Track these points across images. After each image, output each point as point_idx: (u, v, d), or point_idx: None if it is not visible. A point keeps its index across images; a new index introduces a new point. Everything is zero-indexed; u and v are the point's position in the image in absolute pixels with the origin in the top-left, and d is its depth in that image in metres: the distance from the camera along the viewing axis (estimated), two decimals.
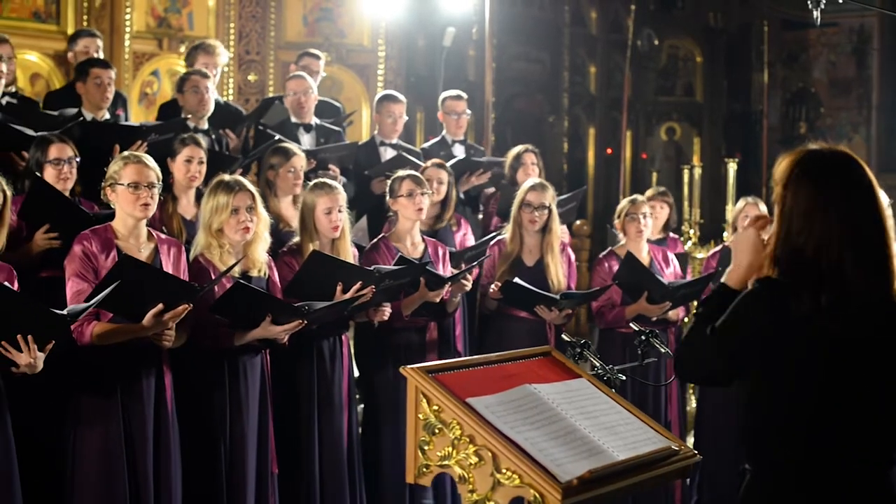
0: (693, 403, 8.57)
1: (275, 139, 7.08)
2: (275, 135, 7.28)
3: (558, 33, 16.22)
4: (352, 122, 9.88)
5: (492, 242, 6.86)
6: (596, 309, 7.04)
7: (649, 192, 8.10)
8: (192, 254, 5.39)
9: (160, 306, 4.76)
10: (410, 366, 3.66)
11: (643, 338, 4.91)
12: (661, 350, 4.95)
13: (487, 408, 3.53)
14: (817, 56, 17.67)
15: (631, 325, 5.24)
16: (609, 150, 16.84)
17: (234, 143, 7.81)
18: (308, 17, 11.95)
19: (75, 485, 4.92)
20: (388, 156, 8.01)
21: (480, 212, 8.49)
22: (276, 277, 5.66)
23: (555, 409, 3.65)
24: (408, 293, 6.17)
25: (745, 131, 17.81)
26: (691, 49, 18.01)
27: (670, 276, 7.00)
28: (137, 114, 10.36)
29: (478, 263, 6.77)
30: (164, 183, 5.39)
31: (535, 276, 6.61)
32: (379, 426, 6.31)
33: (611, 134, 16.83)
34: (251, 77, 11.71)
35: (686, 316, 7.33)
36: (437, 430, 3.56)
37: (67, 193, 5.74)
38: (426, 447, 3.58)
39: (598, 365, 4.48)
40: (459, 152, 8.40)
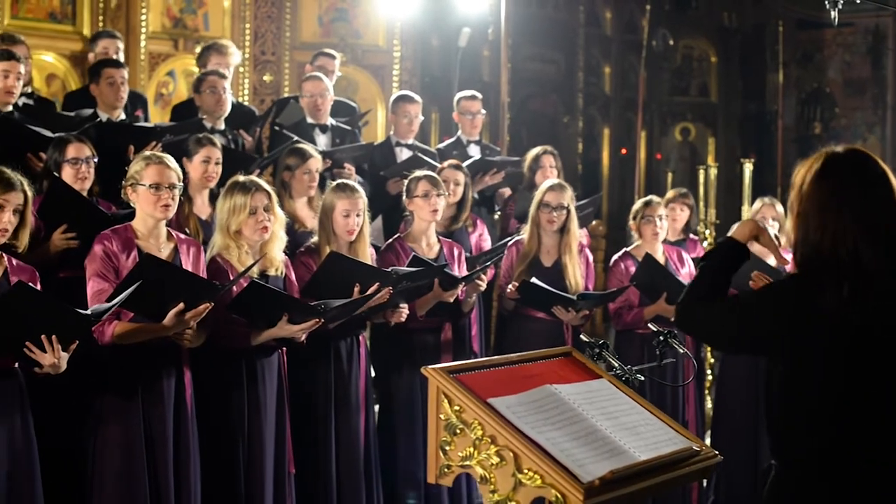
0: (709, 404, 8.56)
1: (292, 140, 7.09)
2: (292, 136, 7.29)
3: (573, 34, 16.19)
4: (367, 122, 9.87)
5: (510, 243, 6.85)
6: (613, 310, 7.03)
7: (670, 193, 8.07)
8: (209, 254, 5.39)
9: (181, 305, 4.76)
10: (432, 366, 3.66)
11: (662, 338, 4.90)
12: (680, 350, 4.94)
13: (509, 408, 3.52)
14: (832, 56, 17.59)
15: (649, 325, 5.23)
16: (624, 151, 16.79)
17: (249, 144, 7.81)
18: (323, 18, 11.95)
19: (95, 484, 4.93)
20: (403, 156, 8.01)
21: (496, 212, 8.48)
22: (294, 277, 5.66)
23: (576, 410, 3.64)
24: (423, 293, 6.17)
25: (760, 131, 17.75)
26: (706, 49, 17.95)
27: (686, 277, 6.99)
28: (153, 114, 10.35)
29: (492, 263, 6.76)
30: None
31: (553, 276, 6.60)
32: (394, 426, 6.32)
33: (625, 134, 16.79)
34: (266, 77, 11.72)
35: None
36: (458, 431, 3.55)
37: (85, 193, 5.75)
38: (447, 447, 3.57)
39: (616, 365, 4.48)
40: (475, 153, 8.39)
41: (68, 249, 5.51)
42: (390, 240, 6.50)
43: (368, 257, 5.98)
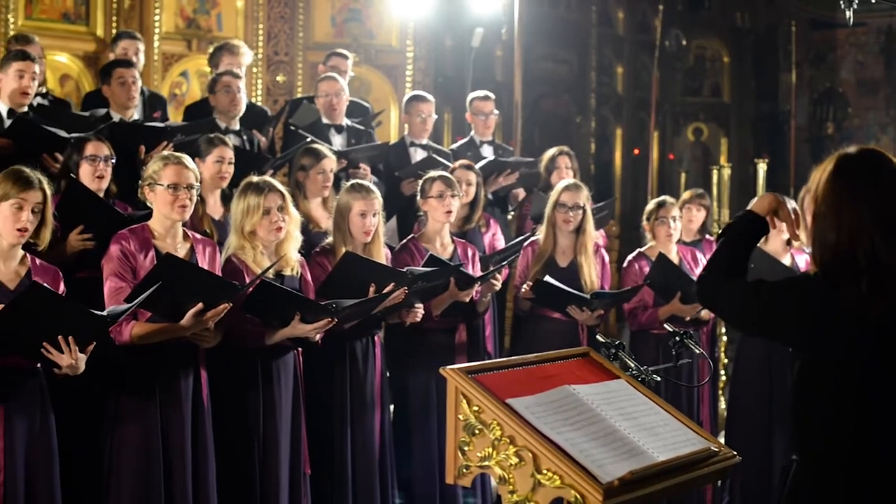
0: (723, 404, 8.54)
1: (307, 140, 7.09)
2: (307, 136, 7.29)
3: (585, 34, 16.18)
4: (380, 122, 9.88)
5: (525, 244, 6.84)
6: (628, 311, 7.02)
7: (686, 194, 8.04)
8: (224, 255, 5.39)
9: (200, 305, 4.76)
10: (450, 367, 3.66)
11: (677, 339, 4.90)
12: (696, 351, 4.94)
13: (527, 408, 3.52)
14: (845, 56, 17.55)
15: (665, 325, 5.22)
16: (636, 151, 16.77)
17: (264, 144, 7.82)
18: (336, 18, 11.97)
19: (112, 484, 4.93)
20: (418, 156, 8.02)
21: (511, 212, 8.47)
22: (309, 277, 5.66)
23: (594, 410, 3.64)
24: (438, 293, 6.17)
25: (773, 131, 17.72)
26: (718, 49, 17.93)
27: None
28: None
29: (507, 263, 6.75)
30: None
31: (569, 276, 6.59)
32: (409, 426, 6.31)
33: (638, 134, 16.77)
34: (280, 78, 11.73)
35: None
36: (477, 431, 3.55)
37: (102, 192, 5.77)
38: (466, 448, 3.57)
39: (632, 366, 4.47)
40: (488, 153, 8.38)
41: (84, 250, 5.52)
42: (404, 240, 6.50)
43: (383, 257, 5.97)
